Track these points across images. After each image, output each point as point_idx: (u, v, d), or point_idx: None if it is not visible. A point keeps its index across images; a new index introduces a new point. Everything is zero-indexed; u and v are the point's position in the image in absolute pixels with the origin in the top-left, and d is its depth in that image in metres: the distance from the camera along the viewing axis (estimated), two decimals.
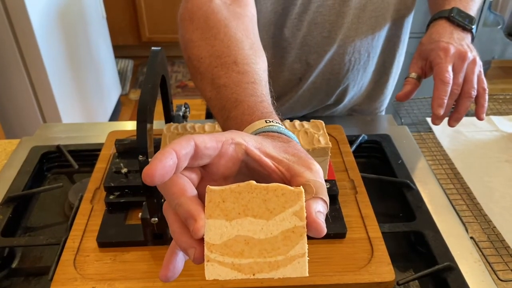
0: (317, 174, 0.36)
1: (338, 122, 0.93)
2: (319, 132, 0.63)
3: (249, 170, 0.36)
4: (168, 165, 0.31)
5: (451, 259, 0.60)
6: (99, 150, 0.75)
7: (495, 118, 1.00)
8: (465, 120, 1.00)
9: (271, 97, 0.49)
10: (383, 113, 1.05)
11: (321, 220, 0.32)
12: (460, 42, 0.70)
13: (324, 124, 0.65)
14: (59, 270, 0.54)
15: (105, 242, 0.57)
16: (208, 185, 0.33)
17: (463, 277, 0.57)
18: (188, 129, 0.64)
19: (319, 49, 0.86)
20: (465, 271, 0.59)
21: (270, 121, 0.42)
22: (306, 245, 0.32)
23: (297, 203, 0.32)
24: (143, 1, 2.98)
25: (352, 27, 0.84)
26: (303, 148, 0.56)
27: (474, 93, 0.68)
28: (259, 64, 0.53)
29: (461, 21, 0.72)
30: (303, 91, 0.93)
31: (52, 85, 1.83)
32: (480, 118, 0.71)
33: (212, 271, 0.32)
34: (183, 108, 0.73)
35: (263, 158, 0.35)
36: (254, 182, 0.33)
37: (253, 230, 0.32)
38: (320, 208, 0.33)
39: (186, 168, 0.34)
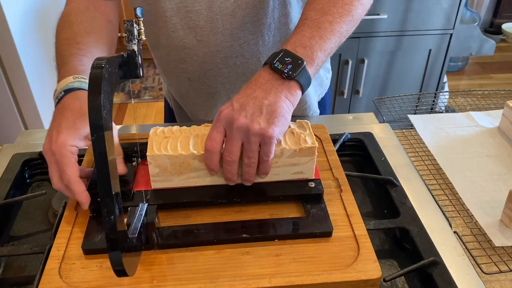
0: None
1: (321, 121, 0.93)
2: (305, 132, 0.64)
3: None
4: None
5: (436, 254, 0.61)
6: (82, 155, 0.74)
7: (474, 114, 1.02)
8: (445, 116, 1.02)
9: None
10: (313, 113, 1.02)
11: None
12: (251, 102, 0.58)
13: (310, 124, 0.66)
14: (44, 279, 0.53)
15: (91, 249, 0.57)
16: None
17: (448, 272, 0.58)
18: (174, 133, 0.64)
19: (190, 52, 0.87)
20: (450, 265, 0.60)
21: (77, 77, 0.67)
22: None
23: None
24: (123, 4, 2.95)
25: (226, 33, 0.83)
26: (290, 148, 0.61)
27: (251, 163, 0.59)
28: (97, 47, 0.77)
29: (280, 70, 0.60)
30: (197, 93, 0.95)
31: (32, 91, 1.81)
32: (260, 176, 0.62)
33: None
34: (135, 27, 0.55)
35: None
36: None
37: None
38: None
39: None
